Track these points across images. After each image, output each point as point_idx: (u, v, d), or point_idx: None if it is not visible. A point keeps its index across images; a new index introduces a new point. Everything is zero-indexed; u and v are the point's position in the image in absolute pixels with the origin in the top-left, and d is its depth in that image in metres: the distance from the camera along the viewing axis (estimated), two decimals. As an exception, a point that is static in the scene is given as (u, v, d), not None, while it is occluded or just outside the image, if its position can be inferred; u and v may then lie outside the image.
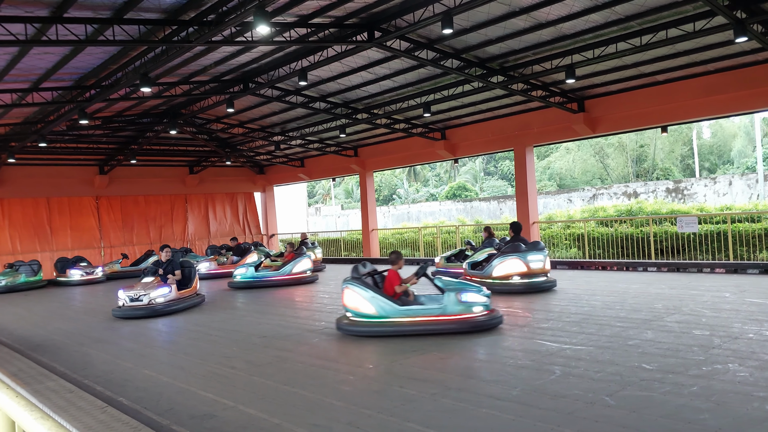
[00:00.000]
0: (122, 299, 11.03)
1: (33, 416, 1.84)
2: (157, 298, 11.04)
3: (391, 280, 8.20)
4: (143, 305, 10.92)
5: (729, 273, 12.66)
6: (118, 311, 11.00)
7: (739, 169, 38.90)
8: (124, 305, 10.97)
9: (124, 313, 10.90)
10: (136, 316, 10.78)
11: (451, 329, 7.68)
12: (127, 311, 10.90)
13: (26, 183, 21.49)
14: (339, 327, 8.24)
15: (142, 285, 11.27)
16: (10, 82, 13.14)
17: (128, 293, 11.02)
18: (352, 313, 8.13)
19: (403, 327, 7.79)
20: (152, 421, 4.81)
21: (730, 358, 5.82)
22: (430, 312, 7.81)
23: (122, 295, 11.06)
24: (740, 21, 9.84)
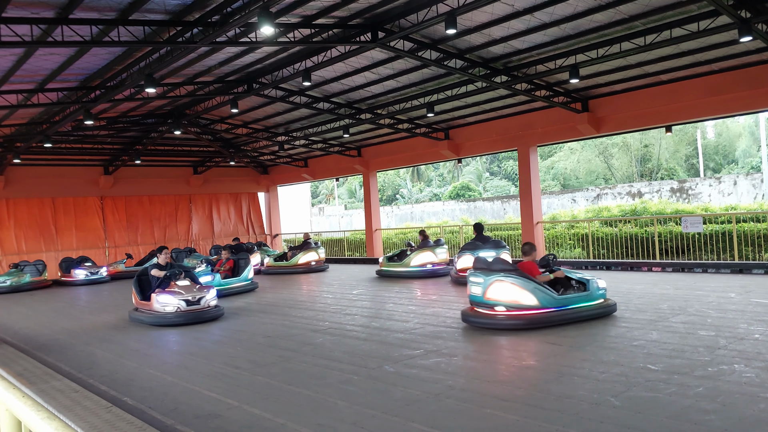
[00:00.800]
0: (172, 304, 10.04)
1: (39, 416, 1.85)
2: (210, 300, 10.43)
3: (531, 270, 8.28)
4: (202, 308, 10.20)
5: (734, 273, 12.63)
6: (170, 317, 9.95)
7: (743, 168, 38.79)
8: (179, 310, 10.01)
9: (178, 318, 9.93)
10: (196, 321, 9.99)
11: (595, 315, 8.23)
12: (183, 316, 9.96)
13: (31, 183, 21.55)
14: (486, 322, 7.99)
15: (185, 288, 10.42)
16: (16, 83, 13.17)
17: (180, 298, 10.10)
18: (506, 306, 7.93)
19: (562, 316, 7.99)
20: (157, 421, 4.82)
21: (736, 359, 5.81)
22: (580, 300, 8.23)
23: (171, 299, 10.08)
24: (745, 20, 9.81)
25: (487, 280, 8.15)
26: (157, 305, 10.16)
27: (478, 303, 8.28)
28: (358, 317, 9.68)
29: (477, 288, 8.27)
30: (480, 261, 8.73)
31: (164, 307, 10.09)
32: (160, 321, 10.02)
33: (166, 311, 10.06)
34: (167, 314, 10.02)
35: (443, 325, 8.58)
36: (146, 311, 10.50)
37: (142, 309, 10.69)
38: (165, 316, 10.01)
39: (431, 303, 10.84)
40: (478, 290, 8.25)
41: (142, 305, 10.67)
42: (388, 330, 8.44)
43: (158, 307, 10.15)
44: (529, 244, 8.78)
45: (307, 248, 19.23)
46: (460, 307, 10.20)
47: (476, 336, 7.63)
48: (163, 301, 10.14)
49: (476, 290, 8.29)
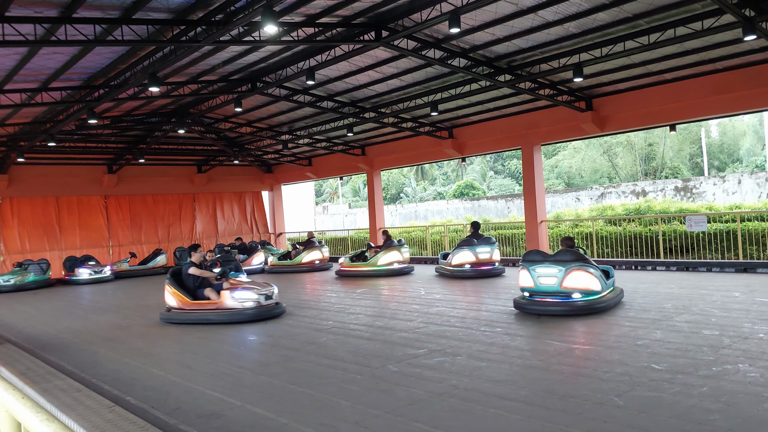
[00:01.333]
0: (251, 299, 9.80)
1: (39, 418, 1.84)
2: (275, 296, 10.34)
3: None
4: (271, 304, 10.09)
5: (738, 272, 12.60)
6: (249, 312, 9.71)
7: (748, 167, 38.68)
8: (259, 305, 9.84)
9: (261, 312, 9.79)
10: (268, 317, 9.86)
11: (618, 300, 9.29)
12: (264, 311, 9.84)
13: (35, 182, 21.59)
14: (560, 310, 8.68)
15: (254, 284, 10.28)
16: (20, 82, 13.19)
17: (258, 292, 9.92)
18: (581, 292, 8.70)
19: (610, 300, 8.95)
20: (160, 421, 4.82)
21: (741, 359, 5.78)
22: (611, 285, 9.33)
23: (250, 295, 9.83)
24: (749, 19, 9.77)
25: (564, 269, 8.76)
26: (233, 302, 9.76)
27: (552, 293, 8.84)
28: (362, 316, 9.68)
29: (551, 279, 8.85)
30: (535, 254, 9.26)
31: (242, 303, 9.76)
32: (232, 318, 9.69)
33: (245, 307, 9.76)
34: (245, 310, 9.74)
35: (447, 324, 8.57)
36: (203, 310, 10.01)
37: (192, 309, 10.10)
38: (243, 312, 9.71)
39: (435, 302, 10.83)
40: (553, 281, 8.83)
41: (194, 305, 10.11)
42: (392, 329, 8.43)
43: (234, 303, 9.76)
44: (571, 238, 9.71)
45: (311, 247, 19.25)
46: (462, 306, 10.20)
47: (479, 335, 7.62)
48: (242, 296, 9.80)
49: (550, 281, 8.86)
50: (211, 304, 9.96)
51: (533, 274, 9.01)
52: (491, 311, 9.47)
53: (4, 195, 21.07)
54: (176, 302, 10.28)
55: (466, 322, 8.63)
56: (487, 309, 9.70)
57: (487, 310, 9.57)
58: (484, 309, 9.72)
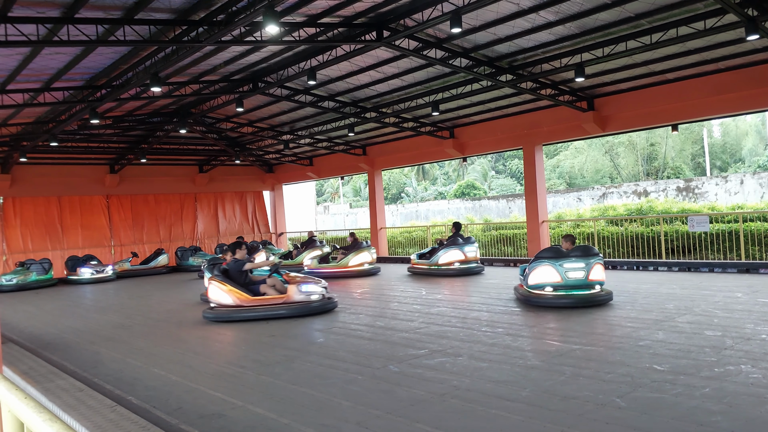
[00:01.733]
0: (317, 293, 10.15)
1: (41, 418, 1.84)
2: (327, 290, 10.63)
3: None
4: (329, 297, 10.47)
5: (741, 273, 12.58)
6: (315, 305, 10.00)
7: (750, 167, 38.62)
8: (324, 298, 10.21)
9: (324, 305, 10.11)
10: (330, 308, 10.24)
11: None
12: (326, 303, 10.16)
13: (38, 182, 21.62)
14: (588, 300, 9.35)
15: (312, 279, 10.46)
16: (22, 82, 13.21)
17: (321, 285, 10.30)
18: (600, 284, 9.68)
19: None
20: (161, 420, 4.82)
21: (743, 360, 5.78)
22: None
23: (316, 288, 10.16)
24: (752, 19, 9.76)
25: (589, 263, 9.46)
26: (301, 295, 9.96)
27: (579, 285, 9.44)
28: (363, 316, 9.68)
29: (578, 273, 9.43)
30: (553, 251, 9.80)
31: (310, 296, 10.01)
32: (301, 312, 9.88)
33: (312, 300, 10.01)
34: (311, 303, 9.97)
35: (448, 324, 8.57)
36: (269, 305, 9.97)
37: (254, 305, 10.01)
38: (309, 305, 9.93)
39: (436, 302, 10.83)
40: (581, 274, 9.42)
41: (257, 301, 10.04)
42: (393, 329, 8.43)
43: (302, 297, 9.95)
44: (573, 236, 10.28)
45: (312, 246, 19.22)
46: (464, 306, 10.20)
47: (481, 336, 7.62)
48: (310, 290, 10.06)
49: (578, 275, 9.43)
50: (278, 299, 9.99)
51: (560, 269, 9.46)
52: (492, 312, 9.47)
53: (6, 195, 21.10)
54: (233, 300, 10.05)
55: (467, 323, 8.63)
56: (488, 309, 9.69)
57: (488, 311, 9.56)
58: (485, 309, 9.71)
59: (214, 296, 10.19)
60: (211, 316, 10.07)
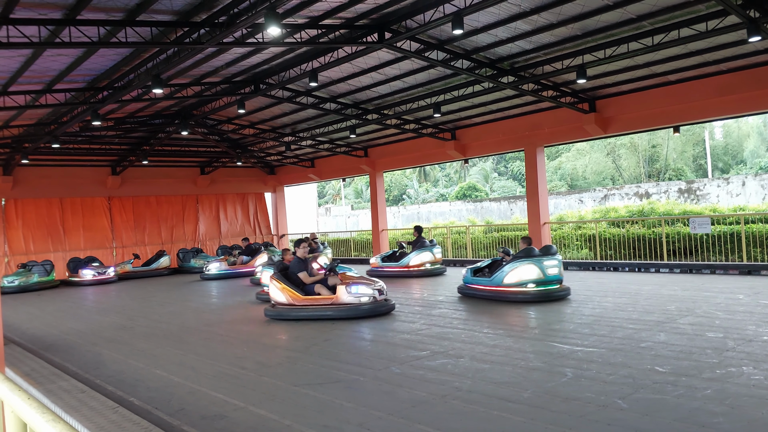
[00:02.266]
0: (367, 295, 9.71)
1: (44, 419, 1.84)
2: (385, 291, 10.19)
3: None
4: (384, 299, 10.04)
5: (743, 274, 12.57)
6: (365, 308, 9.61)
7: (752, 169, 38.59)
8: (374, 300, 9.76)
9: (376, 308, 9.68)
10: (385, 311, 9.79)
11: None
12: (378, 306, 9.73)
13: (40, 184, 21.64)
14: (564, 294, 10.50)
15: (365, 278, 10.16)
16: (24, 84, 13.23)
17: (373, 287, 9.84)
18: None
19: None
20: (163, 422, 4.82)
21: (745, 361, 5.77)
22: None
23: (367, 290, 9.75)
24: (753, 20, 9.76)
25: (560, 260, 10.63)
26: (350, 297, 9.64)
27: (555, 281, 10.51)
28: (365, 318, 9.66)
29: (555, 269, 10.53)
30: (531, 251, 10.66)
31: (359, 298, 9.67)
32: (348, 314, 9.58)
33: (362, 302, 9.67)
34: (361, 305, 9.63)
35: (450, 326, 8.57)
36: (318, 305, 9.77)
37: (303, 305, 9.86)
38: (359, 308, 9.60)
39: (438, 304, 10.82)
40: (557, 270, 10.55)
41: (306, 300, 9.87)
42: (395, 331, 8.43)
43: (350, 299, 9.64)
44: (530, 237, 11.34)
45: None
46: (464, 308, 10.19)
47: (482, 337, 7.61)
48: (360, 292, 9.72)
49: (554, 271, 10.52)
50: (326, 300, 9.75)
51: (542, 266, 10.40)
52: (493, 313, 9.47)
53: (8, 196, 21.13)
54: (285, 298, 9.99)
55: (468, 324, 8.63)
56: (489, 312, 9.70)
57: (489, 313, 9.57)
58: (486, 312, 9.71)
59: (273, 294, 10.22)
60: (271, 313, 10.06)
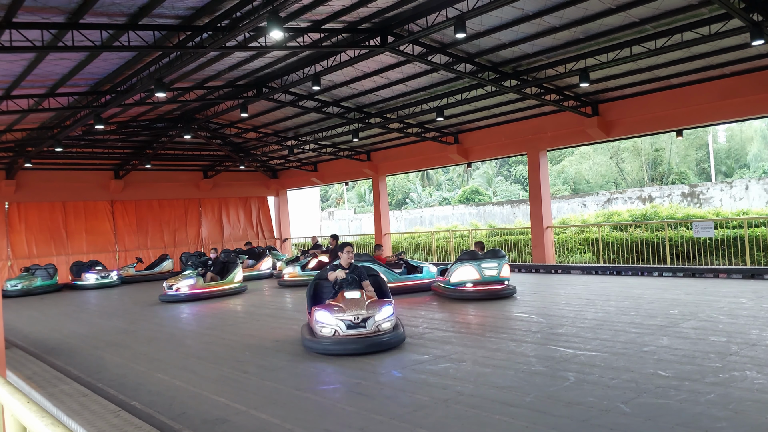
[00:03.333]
0: (330, 325, 7.33)
1: (44, 422, 1.84)
2: (382, 322, 7.44)
3: None
4: (366, 334, 7.32)
5: (746, 278, 12.52)
6: (325, 342, 7.27)
7: (755, 173, 38.50)
8: (336, 334, 7.29)
9: (335, 346, 7.18)
10: (352, 353, 7.14)
11: None
12: (341, 343, 7.18)
13: (42, 187, 21.68)
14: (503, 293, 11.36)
15: (350, 302, 7.53)
16: (27, 88, 13.26)
17: (341, 316, 7.34)
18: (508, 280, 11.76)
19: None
20: (165, 425, 4.81)
21: (748, 366, 5.74)
22: None
23: (328, 319, 7.35)
24: (757, 24, 9.75)
25: (501, 263, 11.50)
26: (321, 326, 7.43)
27: (493, 281, 11.41)
28: (367, 322, 9.64)
29: (492, 270, 11.40)
30: (470, 253, 11.72)
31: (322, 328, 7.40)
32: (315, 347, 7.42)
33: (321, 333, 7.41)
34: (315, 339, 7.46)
35: (452, 330, 8.55)
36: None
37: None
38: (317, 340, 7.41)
39: (440, 307, 10.81)
40: (494, 272, 11.41)
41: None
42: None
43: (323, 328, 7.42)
44: (482, 242, 12.50)
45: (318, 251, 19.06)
46: (466, 312, 10.18)
47: (484, 341, 7.59)
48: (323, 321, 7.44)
49: (492, 272, 11.39)
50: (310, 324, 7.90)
51: (479, 268, 11.38)
52: (496, 317, 9.45)
53: (11, 200, 21.17)
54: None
55: (470, 328, 8.61)
56: (492, 315, 9.68)
57: (492, 316, 9.55)
58: (490, 315, 9.69)
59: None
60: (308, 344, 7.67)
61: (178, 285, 14.06)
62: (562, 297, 11.24)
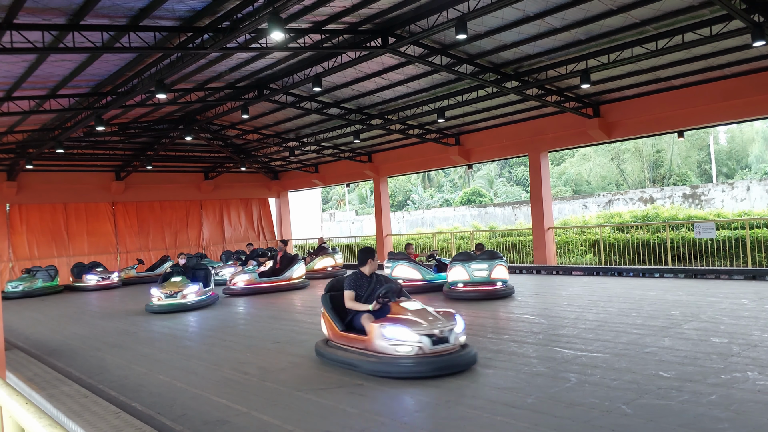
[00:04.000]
0: (410, 342, 6.06)
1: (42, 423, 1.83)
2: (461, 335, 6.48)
3: None
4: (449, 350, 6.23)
5: (747, 279, 12.50)
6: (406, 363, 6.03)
7: (757, 174, 38.47)
8: (420, 353, 6.04)
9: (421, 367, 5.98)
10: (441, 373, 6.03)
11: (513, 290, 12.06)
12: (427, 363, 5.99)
13: (44, 189, 21.71)
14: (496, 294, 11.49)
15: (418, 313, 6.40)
16: (28, 89, 13.28)
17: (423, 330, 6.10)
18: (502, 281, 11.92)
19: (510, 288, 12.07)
20: (165, 427, 4.80)
21: (750, 366, 5.73)
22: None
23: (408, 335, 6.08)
24: (758, 24, 9.74)
25: (492, 264, 11.66)
26: (384, 343, 6.22)
27: (483, 282, 11.57)
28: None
29: (482, 272, 11.58)
30: (464, 255, 12.03)
31: (396, 348, 6.13)
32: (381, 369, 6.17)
33: (398, 354, 6.11)
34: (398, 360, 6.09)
35: (453, 331, 8.52)
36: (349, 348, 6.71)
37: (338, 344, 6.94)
38: (396, 362, 6.09)
39: (442, 307, 10.78)
40: (484, 273, 11.58)
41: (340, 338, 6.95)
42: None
43: (384, 345, 6.21)
44: (482, 244, 12.96)
45: (323, 253, 19.06)
46: (469, 313, 10.16)
47: (486, 342, 7.58)
48: (397, 337, 6.16)
49: (482, 273, 11.58)
50: (358, 342, 6.60)
51: (469, 269, 11.60)
52: (497, 318, 9.44)
53: (12, 201, 21.19)
54: (325, 330, 7.29)
55: (472, 329, 8.59)
56: (493, 316, 9.67)
57: (493, 317, 9.54)
58: (491, 316, 9.68)
59: (322, 324, 7.43)
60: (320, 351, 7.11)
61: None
62: (563, 298, 11.22)
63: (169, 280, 12.93)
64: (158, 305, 12.40)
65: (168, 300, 12.43)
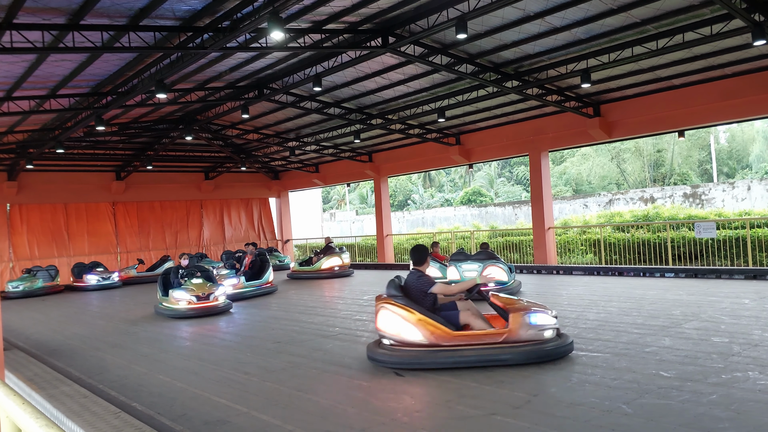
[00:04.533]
0: (551, 326, 6.43)
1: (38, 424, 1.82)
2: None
3: None
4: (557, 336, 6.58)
5: (748, 279, 12.49)
6: (552, 345, 6.36)
7: (757, 174, 38.44)
8: (556, 333, 6.54)
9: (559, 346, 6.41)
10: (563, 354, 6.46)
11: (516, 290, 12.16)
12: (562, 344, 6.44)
13: (44, 189, 21.71)
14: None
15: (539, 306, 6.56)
16: (28, 89, 13.27)
17: (551, 314, 6.48)
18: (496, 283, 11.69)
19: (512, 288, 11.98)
20: (165, 427, 4.80)
21: (750, 366, 5.72)
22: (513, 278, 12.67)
23: (548, 319, 6.42)
24: (758, 24, 9.73)
25: (483, 264, 11.94)
26: (530, 331, 6.35)
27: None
28: (369, 323, 9.64)
29: (473, 272, 11.85)
30: (459, 254, 12.42)
31: (542, 332, 6.36)
32: (528, 357, 6.28)
33: (545, 338, 6.39)
34: (544, 344, 6.39)
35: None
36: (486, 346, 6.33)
37: (458, 345, 6.35)
38: (542, 348, 6.35)
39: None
40: (473, 273, 11.79)
41: (457, 338, 6.39)
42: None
43: (531, 333, 6.35)
44: (487, 244, 13.11)
45: (330, 253, 19.02)
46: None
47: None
48: (541, 322, 6.41)
49: (472, 274, 11.84)
50: (496, 336, 6.33)
51: (459, 269, 11.97)
52: (498, 318, 9.43)
53: (13, 202, 21.19)
54: (424, 335, 6.35)
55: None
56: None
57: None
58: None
59: (391, 328, 6.53)
60: (390, 360, 6.43)
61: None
62: (564, 298, 11.21)
63: (191, 281, 12.08)
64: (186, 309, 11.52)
65: (200, 303, 11.61)
